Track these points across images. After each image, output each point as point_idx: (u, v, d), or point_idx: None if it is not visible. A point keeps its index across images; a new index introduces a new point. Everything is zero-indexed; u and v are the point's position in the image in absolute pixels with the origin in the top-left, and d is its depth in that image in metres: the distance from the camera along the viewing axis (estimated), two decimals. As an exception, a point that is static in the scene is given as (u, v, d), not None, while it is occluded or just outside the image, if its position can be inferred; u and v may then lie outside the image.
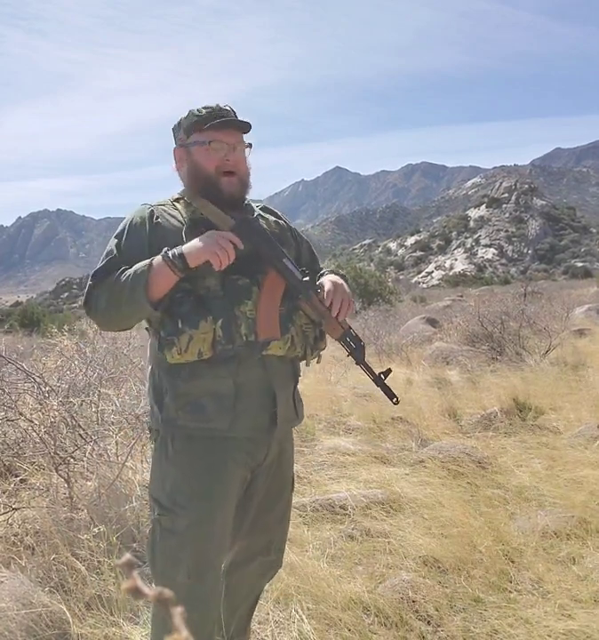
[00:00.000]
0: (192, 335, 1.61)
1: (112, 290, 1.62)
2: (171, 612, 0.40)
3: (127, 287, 1.60)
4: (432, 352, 8.89)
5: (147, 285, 1.58)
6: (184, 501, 1.64)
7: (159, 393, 1.71)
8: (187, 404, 1.66)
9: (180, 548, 1.63)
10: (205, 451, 1.67)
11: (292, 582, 2.49)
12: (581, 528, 3.04)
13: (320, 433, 5.06)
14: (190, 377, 1.65)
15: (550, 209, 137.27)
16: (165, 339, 1.63)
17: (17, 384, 3.47)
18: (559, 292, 21.59)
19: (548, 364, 7.51)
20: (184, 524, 1.63)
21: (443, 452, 4.20)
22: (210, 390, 1.66)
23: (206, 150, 1.74)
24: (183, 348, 1.61)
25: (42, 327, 19.38)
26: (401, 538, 2.98)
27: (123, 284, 1.61)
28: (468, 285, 48.46)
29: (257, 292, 1.67)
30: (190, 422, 1.66)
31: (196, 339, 1.61)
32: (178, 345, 1.61)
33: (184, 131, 1.78)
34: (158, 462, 1.72)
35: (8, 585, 2.30)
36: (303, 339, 1.75)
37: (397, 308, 17.59)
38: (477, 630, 2.27)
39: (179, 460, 1.67)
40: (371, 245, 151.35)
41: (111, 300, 1.63)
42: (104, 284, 1.64)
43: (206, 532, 1.65)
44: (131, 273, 1.61)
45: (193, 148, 1.76)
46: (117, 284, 1.62)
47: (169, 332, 1.62)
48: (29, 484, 3.21)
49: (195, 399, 1.66)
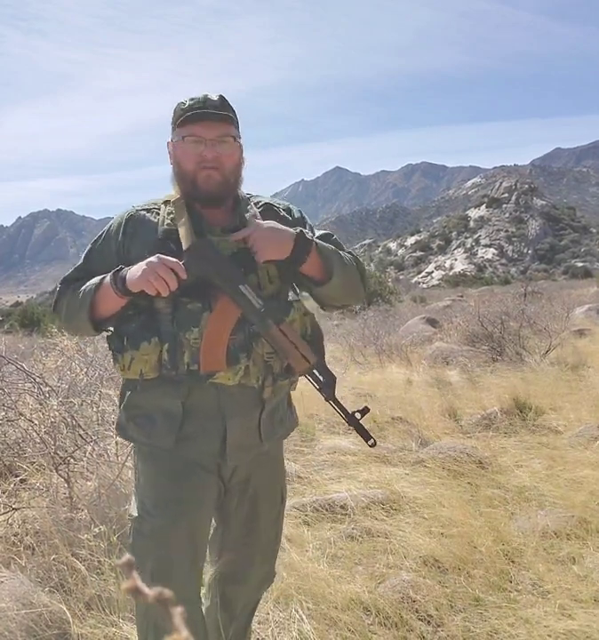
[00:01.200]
0: (133, 355, 1.58)
1: (69, 302, 1.66)
2: (171, 612, 0.40)
3: (78, 303, 1.62)
4: (432, 352, 8.89)
5: (92, 304, 1.59)
6: (150, 507, 1.63)
7: (120, 399, 1.73)
8: (136, 416, 1.65)
9: (146, 550, 1.61)
10: (150, 464, 1.66)
11: (292, 582, 2.49)
12: (581, 528, 3.04)
13: (320, 433, 5.06)
14: (142, 390, 1.63)
15: (550, 209, 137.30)
16: (113, 353, 1.64)
17: (17, 384, 3.47)
18: (559, 292, 21.59)
19: (548, 364, 7.51)
20: (148, 529, 1.62)
21: (443, 452, 4.19)
22: (159, 407, 1.62)
23: (183, 146, 1.63)
24: (126, 365, 1.60)
25: (42, 327, 19.38)
26: (401, 538, 2.98)
27: (77, 299, 1.63)
28: (468, 285, 48.46)
29: (206, 319, 1.56)
30: (136, 435, 1.66)
31: (138, 359, 1.58)
32: (121, 362, 1.60)
33: (173, 125, 1.68)
34: (134, 470, 1.75)
35: (8, 585, 2.30)
36: (264, 368, 1.62)
37: (397, 308, 17.59)
38: (477, 630, 2.27)
39: (145, 466, 1.67)
40: (371, 245, 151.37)
41: (68, 312, 1.67)
42: (66, 294, 1.67)
43: (169, 538, 1.61)
44: (84, 289, 1.62)
45: (175, 144, 1.67)
46: (74, 297, 1.64)
47: (115, 347, 1.62)
48: (29, 483, 3.21)
49: (145, 413, 1.64)
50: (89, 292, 1.59)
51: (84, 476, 3.13)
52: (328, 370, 1.70)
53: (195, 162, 1.62)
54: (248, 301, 1.57)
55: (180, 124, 1.62)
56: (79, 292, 1.63)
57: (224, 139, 1.63)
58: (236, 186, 1.70)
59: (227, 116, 1.63)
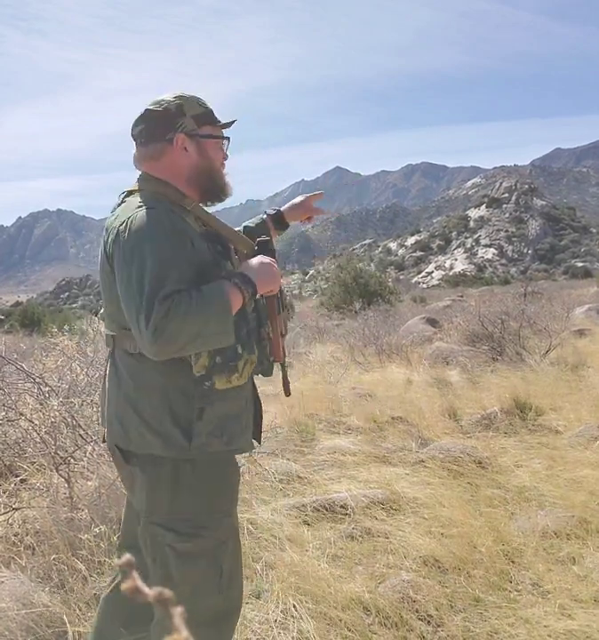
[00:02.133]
0: (248, 360, 1.62)
1: (193, 319, 1.44)
2: (171, 613, 0.40)
3: (214, 318, 1.47)
4: (432, 352, 8.89)
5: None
6: (209, 523, 1.61)
7: (181, 418, 1.58)
8: (213, 429, 1.61)
9: (210, 568, 1.60)
10: (224, 471, 1.67)
11: (292, 582, 2.49)
12: (581, 528, 3.04)
13: (320, 433, 5.06)
14: (220, 400, 1.60)
15: (550, 209, 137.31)
16: (226, 365, 1.57)
17: (17, 384, 3.47)
18: (559, 292, 21.59)
19: (548, 364, 7.51)
20: (211, 545, 1.61)
21: (444, 451, 4.20)
22: (232, 412, 1.65)
23: (217, 146, 1.70)
24: (240, 372, 1.61)
25: (42, 327, 19.39)
26: (401, 538, 2.98)
27: (207, 315, 1.46)
28: (468, 285, 48.46)
29: (266, 312, 1.70)
30: (217, 446, 1.61)
31: (250, 363, 1.63)
32: (239, 370, 1.60)
33: (194, 119, 1.66)
34: (166, 488, 1.61)
35: (8, 585, 2.30)
36: None
37: (397, 308, 17.58)
38: (477, 630, 2.27)
39: (200, 484, 1.61)
40: (372, 245, 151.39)
41: (193, 328, 1.45)
42: (179, 311, 1.43)
43: (235, 546, 1.68)
44: (215, 302, 1.47)
45: (204, 141, 1.67)
46: (199, 313, 1.44)
47: (230, 357, 1.58)
48: (30, 483, 3.21)
49: (221, 422, 1.62)
50: (227, 304, 1.49)
51: (85, 476, 3.13)
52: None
53: (221, 163, 1.72)
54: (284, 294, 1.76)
55: (211, 122, 1.69)
56: (208, 306, 1.46)
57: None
58: None
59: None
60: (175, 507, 1.60)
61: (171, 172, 1.65)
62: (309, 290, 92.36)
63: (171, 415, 1.58)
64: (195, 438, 1.57)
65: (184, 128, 1.64)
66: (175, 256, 1.49)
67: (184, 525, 1.59)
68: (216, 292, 1.49)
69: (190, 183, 1.67)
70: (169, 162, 1.65)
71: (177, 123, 1.64)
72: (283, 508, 3.31)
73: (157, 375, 1.59)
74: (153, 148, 1.66)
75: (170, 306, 1.42)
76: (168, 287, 1.45)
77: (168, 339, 1.43)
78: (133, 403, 1.63)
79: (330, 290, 23.30)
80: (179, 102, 1.65)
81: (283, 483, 3.77)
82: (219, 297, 1.49)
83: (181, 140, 1.64)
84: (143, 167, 1.70)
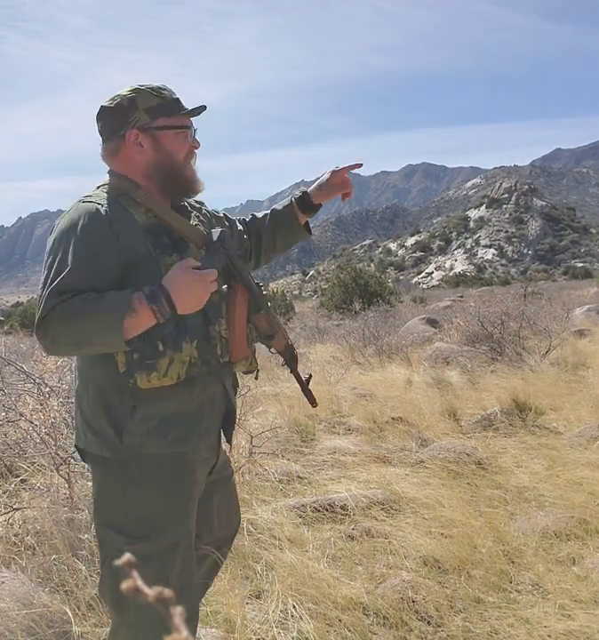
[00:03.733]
0: (173, 358, 1.49)
1: (76, 324, 1.41)
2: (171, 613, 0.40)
3: (98, 327, 1.42)
4: (432, 352, 8.88)
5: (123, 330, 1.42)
6: (161, 525, 1.55)
7: (115, 416, 1.54)
8: (152, 428, 1.54)
9: (160, 572, 1.52)
10: (176, 473, 1.59)
11: (292, 582, 2.49)
12: (581, 528, 3.04)
13: (320, 433, 5.06)
14: (156, 399, 1.53)
15: (550, 209, 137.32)
16: (143, 362, 1.48)
17: (17, 385, 3.47)
18: (559, 292, 21.60)
19: (548, 364, 7.50)
20: (162, 548, 1.55)
21: (443, 452, 4.20)
22: (176, 412, 1.56)
23: (177, 136, 1.60)
24: (162, 372, 1.49)
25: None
26: (401, 538, 2.98)
27: (93, 323, 1.41)
28: (468, 286, 48.43)
29: (225, 309, 1.60)
30: (156, 448, 1.55)
31: (177, 362, 1.50)
32: (158, 369, 1.48)
33: (147, 111, 1.57)
34: (114, 489, 1.57)
35: (9, 585, 2.30)
36: (252, 353, 1.73)
37: (397, 309, 17.57)
38: (477, 630, 2.27)
39: (151, 484, 1.56)
40: (372, 246, 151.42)
41: (74, 334, 1.43)
42: (65, 313, 1.41)
43: (188, 551, 1.61)
44: (105, 310, 1.41)
45: (160, 133, 1.58)
46: (85, 319, 1.41)
47: (147, 355, 1.48)
48: (30, 484, 3.21)
49: (160, 422, 1.55)
50: (118, 320, 1.40)
51: (85, 476, 3.13)
52: (292, 345, 1.83)
53: (185, 154, 1.62)
54: (255, 287, 1.66)
55: (168, 113, 1.59)
56: (94, 317, 1.41)
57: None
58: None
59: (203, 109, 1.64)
60: (124, 508, 1.56)
61: (128, 168, 1.61)
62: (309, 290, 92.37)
63: (105, 412, 1.55)
64: (127, 437, 1.53)
65: (136, 122, 1.58)
66: (85, 256, 1.46)
67: (133, 528, 1.55)
68: (115, 303, 1.42)
69: (149, 179, 1.61)
70: (125, 158, 1.61)
71: (129, 117, 1.58)
72: (283, 508, 3.31)
73: (96, 369, 1.56)
74: (110, 145, 1.62)
75: (56, 305, 1.41)
76: (63, 285, 1.42)
77: (52, 339, 1.43)
78: (79, 399, 1.62)
79: (330, 290, 23.30)
80: (131, 96, 1.58)
81: (283, 483, 3.77)
82: (113, 310, 1.41)
83: (134, 135, 1.58)
84: (107, 163, 1.67)
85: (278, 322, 1.76)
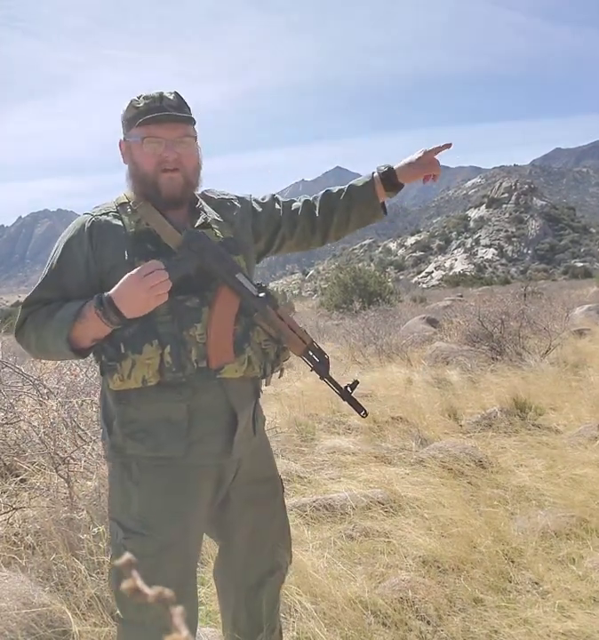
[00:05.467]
0: (135, 360, 1.49)
1: (39, 333, 1.56)
2: (171, 613, 0.40)
3: (51, 334, 1.53)
4: (432, 352, 8.88)
5: (70, 337, 1.49)
6: (155, 523, 1.55)
7: (108, 417, 1.60)
8: (136, 432, 1.54)
9: (153, 571, 1.49)
10: (170, 475, 1.58)
11: (292, 582, 2.48)
12: (581, 528, 3.04)
13: (320, 433, 5.06)
14: (139, 402, 1.53)
15: (550, 209, 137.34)
16: (107, 364, 1.52)
17: (16, 386, 3.47)
18: (559, 292, 21.59)
19: (548, 363, 7.50)
20: (156, 547, 1.54)
21: (443, 451, 4.19)
22: (161, 416, 1.54)
23: (141, 147, 1.58)
24: (125, 374, 1.49)
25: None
26: (401, 538, 2.98)
27: (49, 330, 1.53)
28: (468, 285, 48.43)
29: (207, 313, 1.54)
30: (139, 451, 1.55)
31: (140, 364, 1.49)
32: (119, 371, 1.50)
33: (124, 123, 1.62)
34: (119, 483, 1.61)
35: (8, 584, 2.30)
36: (262, 357, 1.64)
37: (397, 308, 17.57)
38: (477, 630, 2.27)
39: (146, 482, 1.57)
40: (371, 245, 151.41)
41: (39, 342, 1.58)
42: (33, 322, 1.57)
43: (180, 554, 1.59)
44: (57, 318, 1.52)
45: (132, 145, 1.60)
46: (44, 327, 1.54)
47: (110, 356, 1.51)
48: (30, 483, 3.22)
49: (145, 425, 1.54)
50: (66, 325, 1.49)
51: (84, 476, 3.13)
52: (320, 349, 1.72)
53: (155, 164, 1.58)
54: (246, 289, 1.59)
55: (137, 123, 1.57)
56: (49, 322, 1.53)
57: (184, 139, 1.59)
58: (197, 186, 1.68)
59: (187, 117, 1.60)
60: (125, 504, 1.60)
61: (126, 178, 1.67)
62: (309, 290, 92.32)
63: (103, 413, 1.65)
64: (111, 437, 1.60)
65: (123, 134, 1.65)
66: (57, 267, 1.59)
67: (132, 523, 1.57)
68: (68, 312, 1.52)
69: (133, 189, 1.64)
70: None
71: (122, 129, 1.65)
72: (283, 507, 3.30)
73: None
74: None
75: (28, 315, 1.58)
76: (35, 296, 1.59)
77: (26, 346, 1.62)
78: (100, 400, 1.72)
79: (329, 290, 23.30)
80: (123, 108, 1.64)
81: (283, 482, 3.76)
82: (63, 318, 1.51)
83: (123, 146, 1.65)
84: None
85: (292, 324, 1.66)
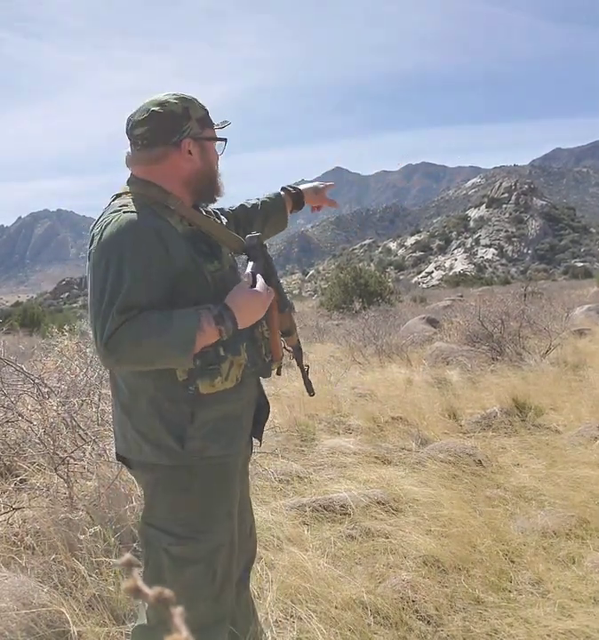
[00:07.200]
0: (233, 362, 1.58)
1: (149, 348, 1.44)
2: (172, 613, 0.40)
3: (168, 349, 1.45)
4: (432, 352, 8.88)
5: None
6: (206, 527, 1.61)
7: (172, 424, 1.56)
8: (208, 433, 1.59)
9: (205, 572, 1.59)
10: (220, 475, 1.64)
11: (292, 582, 2.49)
12: (581, 528, 3.04)
13: (320, 433, 5.06)
14: (211, 403, 1.58)
15: (550, 209, 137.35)
16: (205, 369, 1.53)
17: (16, 385, 3.47)
18: (559, 292, 21.60)
19: (548, 364, 7.50)
20: (207, 548, 1.60)
21: (443, 451, 4.20)
22: (232, 414, 1.63)
23: (213, 149, 1.70)
24: (224, 375, 1.57)
25: (42, 327, 19.39)
26: (401, 538, 2.98)
27: (165, 346, 1.44)
28: (468, 285, 48.42)
29: (269, 310, 1.67)
30: (215, 451, 1.60)
31: (236, 365, 1.59)
32: (222, 373, 1.56)
33: (198, 122, 1.63)
34: (164, 493, 1.62)
35: (8, 584, 2.30)
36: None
37: (397, 308, 17.57)
38: (477, 630, 2.27)
39: (197, 488, 1.60)
40: (371, 245, 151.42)
41: (145, 357, 1.47)
42: (134, 336, 1.43)
43: (230, 549, 1.66)
44: (175, 333, 1.44)
45: (207, 144, 1.66)
46: (157, 342, 1.44)
47: (210, 361, 1.54)
48: (29, 484, 3.21)
49: (217, 425, 1.60)
50: (190, 342, 1.44)
51: (84, 476, 3.13)
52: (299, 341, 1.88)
53: (216, 165, 1.71)
54: (282, 286, 1.74)
55: (210, 125, 1.68)
56: (166, 337, 1.43)
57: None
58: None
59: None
60: (172, 511, 1.61)
61: (170, 175, 1.61)
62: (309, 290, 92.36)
63: (162, 421, 1.57)
64: (189, 442, 1.56)
65: (190, 131, 1.61)
66: (142, 271, 1.47)
67: (181, 529, 1.59)
68: (186, 324, 1.45)
69: (187, 186, 1.63)
70: (171, 165, 1.61)
71: (183, 126, 1.60)
72: (283, 507, 3.30)
73: (147, 379, 1.56)
74: (156, 151, 1.60)
75: (124, 322, 1.42)
76: (126, 302, 1.43)
77: (118, 358, 1.45)
78: (127, 410, 1.62)
79: (330, 290, 23.30)
80: (185, 105, 1.61)
81: (283, 483, 3.77)
82: (185, 331, 1.44)
83: (188, 144, 1.61)
84: (135, 169, 1.65)
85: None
